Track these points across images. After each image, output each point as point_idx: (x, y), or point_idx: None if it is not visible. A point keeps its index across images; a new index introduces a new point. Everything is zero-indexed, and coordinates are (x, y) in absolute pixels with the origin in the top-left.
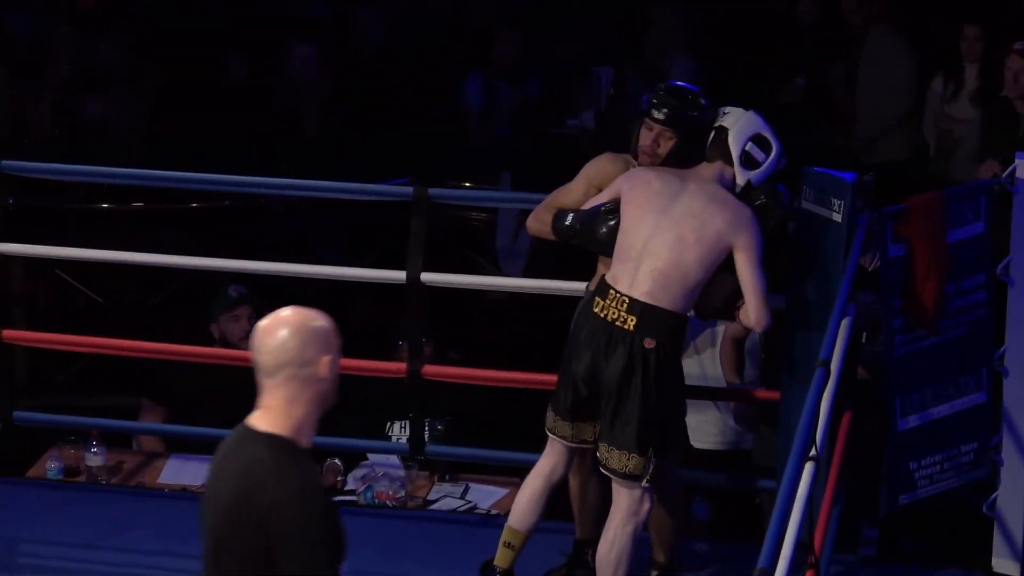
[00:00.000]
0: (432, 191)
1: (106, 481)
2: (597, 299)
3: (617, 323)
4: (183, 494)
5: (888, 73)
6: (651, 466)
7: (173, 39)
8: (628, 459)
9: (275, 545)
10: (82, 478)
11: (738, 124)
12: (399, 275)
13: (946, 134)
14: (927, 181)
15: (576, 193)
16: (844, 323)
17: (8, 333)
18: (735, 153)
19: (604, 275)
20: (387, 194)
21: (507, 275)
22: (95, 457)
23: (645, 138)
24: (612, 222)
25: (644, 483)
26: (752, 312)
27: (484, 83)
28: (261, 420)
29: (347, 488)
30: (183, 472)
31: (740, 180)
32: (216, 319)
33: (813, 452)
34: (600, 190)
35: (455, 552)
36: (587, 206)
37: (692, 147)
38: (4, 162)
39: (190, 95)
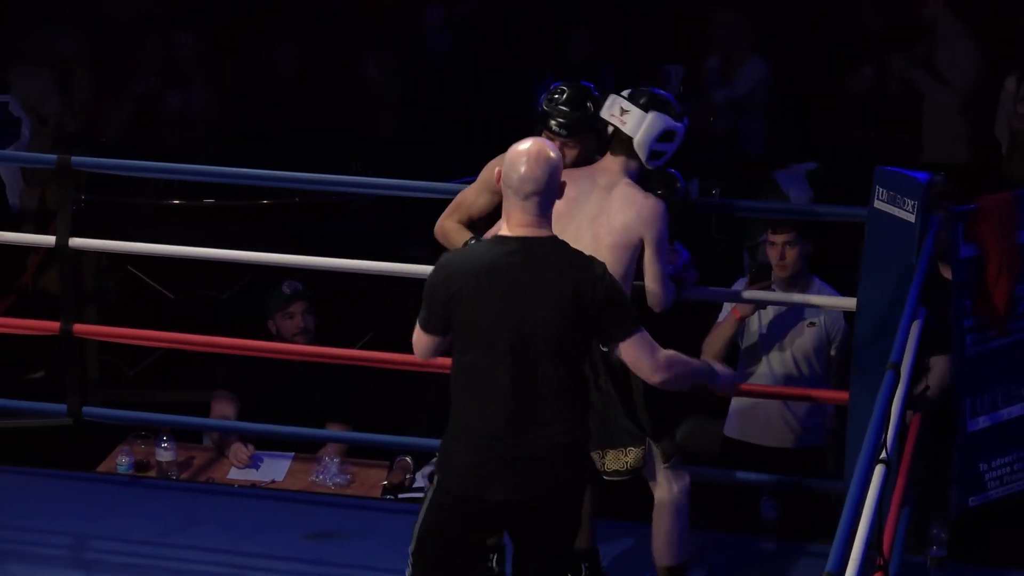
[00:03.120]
0: None
1: (176, 476)
2: None
3: None
4: (252, 490)
5: (955, 72)
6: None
7: (245, 32)
8: (625, 454)
9: (600, 314)
10: (152, 473)
11: (642, 130)
12: None
13: (1019, 134)
14: (997, 181)
15: (480, 199)
16: (914, 325)
17: (80, 328)
18: (643, 155)
19: None
20: (456, 193)
21: None
22: (165, 452)
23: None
24: None
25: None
26: (651, 297)
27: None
28: (527, 231)
29: (416, 486)
30: (252, 468)
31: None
32: (272, 316)
33: (883, 455)
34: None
35: None
36: None
37: (594, 146)
38: (75, 159)
39: (262, 90)
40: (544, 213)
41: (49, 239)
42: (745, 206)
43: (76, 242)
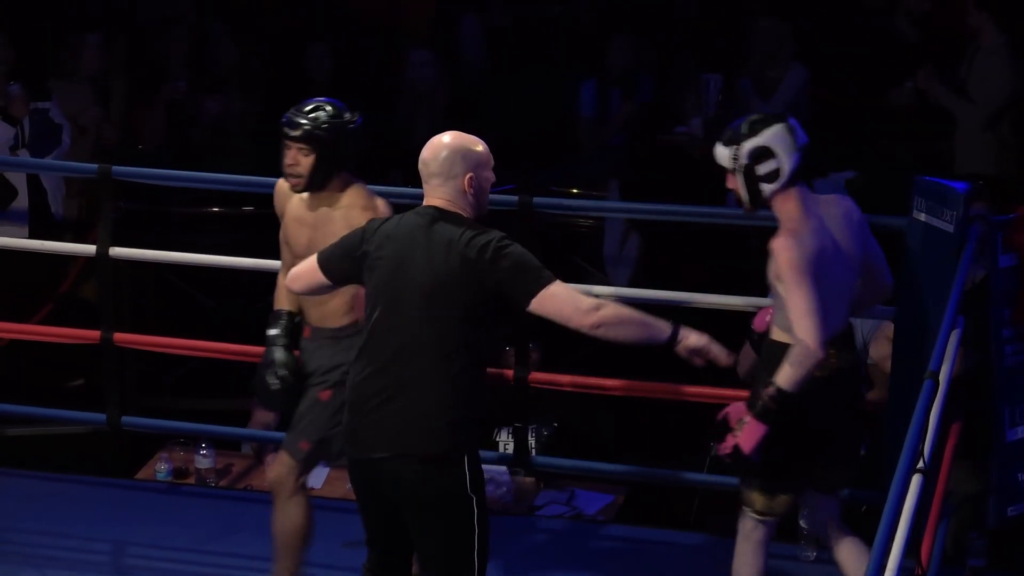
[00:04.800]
0: (536, 199)
1: (215, 483)
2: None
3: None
4: None
5: (985, 89)
6: None
7: (281, 39)
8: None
9: (497, 279)
10: (191, 480)
11: (781, 145)
12: None
13: None
14: None
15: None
16: (953, 335)
17: (119, 336)
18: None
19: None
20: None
21: (614, 283)
22: (204, 459)
23: (286, 157)
24: None
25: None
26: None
27: (598, 90)
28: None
29: None
30: None
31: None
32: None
33: (921, 464)
34: None
35: (560, 558)
36: None
37: (333, 161)
38: (116, 168)
39: (300, 97)
40: (449, 197)
41: (90, 248)
42: None
43: (116, 251)
